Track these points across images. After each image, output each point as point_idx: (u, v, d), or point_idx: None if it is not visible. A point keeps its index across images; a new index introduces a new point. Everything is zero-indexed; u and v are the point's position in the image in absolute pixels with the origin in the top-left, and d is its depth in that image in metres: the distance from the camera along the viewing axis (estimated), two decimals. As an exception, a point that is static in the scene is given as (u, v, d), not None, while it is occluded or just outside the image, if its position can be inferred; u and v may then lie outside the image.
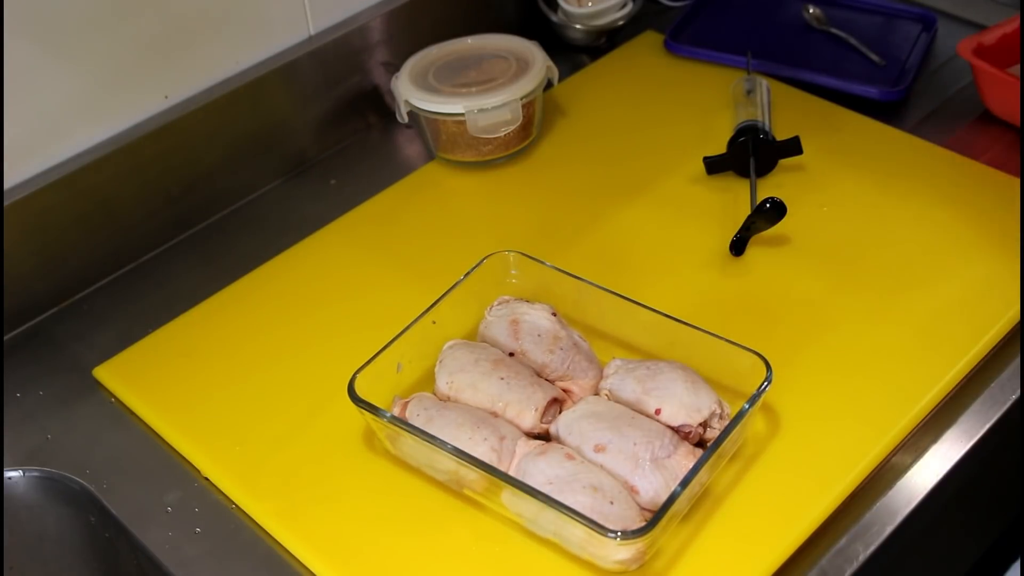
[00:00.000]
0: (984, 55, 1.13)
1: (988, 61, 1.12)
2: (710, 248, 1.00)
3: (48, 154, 0.99)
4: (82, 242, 1.02)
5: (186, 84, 1.06)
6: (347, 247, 1.05)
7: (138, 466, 0.87)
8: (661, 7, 1.36)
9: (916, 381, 0.86)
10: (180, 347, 0.96)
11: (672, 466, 0.76)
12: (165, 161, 1.05)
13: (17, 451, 0.89)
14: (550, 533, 0.76)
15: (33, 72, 0.94)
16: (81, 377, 0.95)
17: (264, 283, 1.02)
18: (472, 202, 1.09)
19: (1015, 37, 1.16)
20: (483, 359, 0.84)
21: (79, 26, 0.96)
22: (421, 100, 1.09)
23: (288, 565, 0.79)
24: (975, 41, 1.14)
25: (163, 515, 0.83)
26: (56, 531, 0.91)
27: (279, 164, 1.15)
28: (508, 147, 1.12)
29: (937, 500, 0.82)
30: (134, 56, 1.01)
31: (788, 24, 1.31)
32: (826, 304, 0.94)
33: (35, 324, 1.01)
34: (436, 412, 0.80)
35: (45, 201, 0.97)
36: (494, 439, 0.78)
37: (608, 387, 0.83)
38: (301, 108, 1.15)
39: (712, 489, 0.79)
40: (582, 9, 1.27)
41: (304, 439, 0.86)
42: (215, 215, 1.11)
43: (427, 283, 0.93)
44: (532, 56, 1.13)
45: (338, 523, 0.80)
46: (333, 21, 1.15)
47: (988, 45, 1.14)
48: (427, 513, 0.80)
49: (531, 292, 0.92)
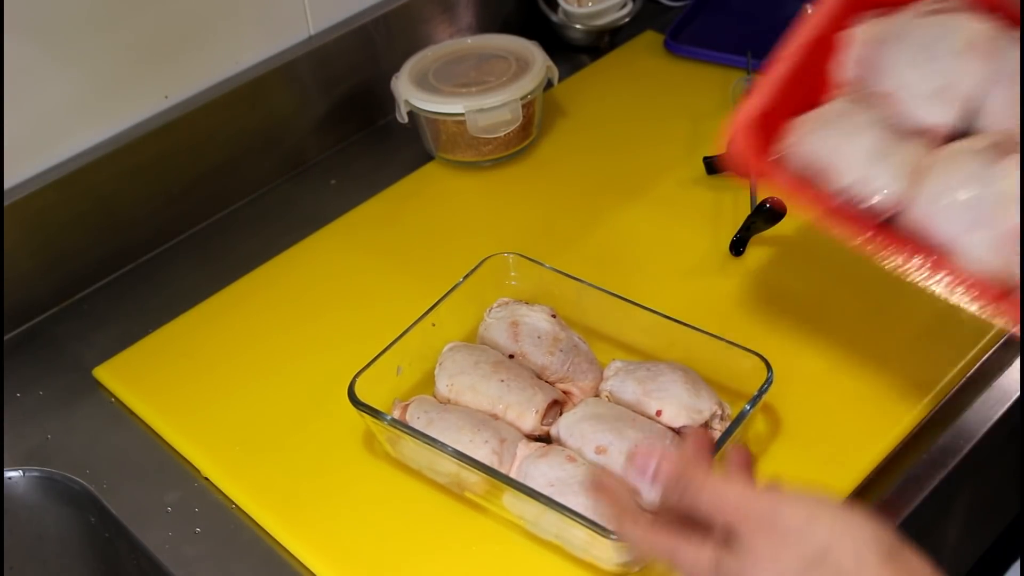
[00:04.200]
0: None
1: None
2: (710, 248, 1.00)
3: (48, 154, 0.99)
4: (82, 242, 1.02)
5: (186, 84, 1.06)
6: (347, 247, 1.05)
7: (138, 466, 0.87)
8: (661, 7, 1.36)
9: (916, 381, 0.86)
10: (180, 347, 0.96)
11: (673, 468, 0.76)
12: (165, 161, 1.05)
13: (17, 451, 0.89)
14: (552, 535, 0.76)
15: (33, 72, 0.94)
16: (81, 377, 0.95)
17: (264, 283, 1.02)
18: (472, 202, 1.09)
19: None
20: (483, 361, 0.84)
21: (79, 26, 0.96)
22: (421, 100, 1.09)
23: (288, 565, 0.79)
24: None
25: (163, 515, 0.83)
26: (56, 531, 0.91)
27: (279, 164, 1.15)
28: (508, 147, 1.12)
29: (937, 500, 0.82)
30: (134, 56, 1.01)
31: (788, 24, 1.31)
32: (826, 304, 0.94)
33: (35, 324, 1.01)
34: (436, 415, 0.80)
35: (45, 201, 0.97)
36: (495, 441, 0.78)
37: (608, 389, 0.83)
38: (301, 108, 1.15)
39: (712, 490, 0.79)
40: (582, 9, 1.27)
41: (304, 440, 0.86)
42: (215, 215, 1.11)
43: (427, 284, 0.93)
44: (532, 56, 1.13)
45: (338, 524, 0.80)
46: (333, 21, 1.15)
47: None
48: (428, 515, 0.80)
49: (531, 294, 0.92)
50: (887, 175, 0.74)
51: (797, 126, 0.78)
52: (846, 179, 0.75)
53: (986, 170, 0.70)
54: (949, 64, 0.75)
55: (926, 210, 0.72)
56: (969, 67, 0.74)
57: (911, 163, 0.74)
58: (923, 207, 0.73)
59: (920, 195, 0.73)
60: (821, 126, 0.77)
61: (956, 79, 0.74)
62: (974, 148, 0.72)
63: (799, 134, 0.78)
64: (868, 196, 0.74)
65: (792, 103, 0.79)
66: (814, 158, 0.76)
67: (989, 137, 0.73)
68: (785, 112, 0.79)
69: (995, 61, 0.74)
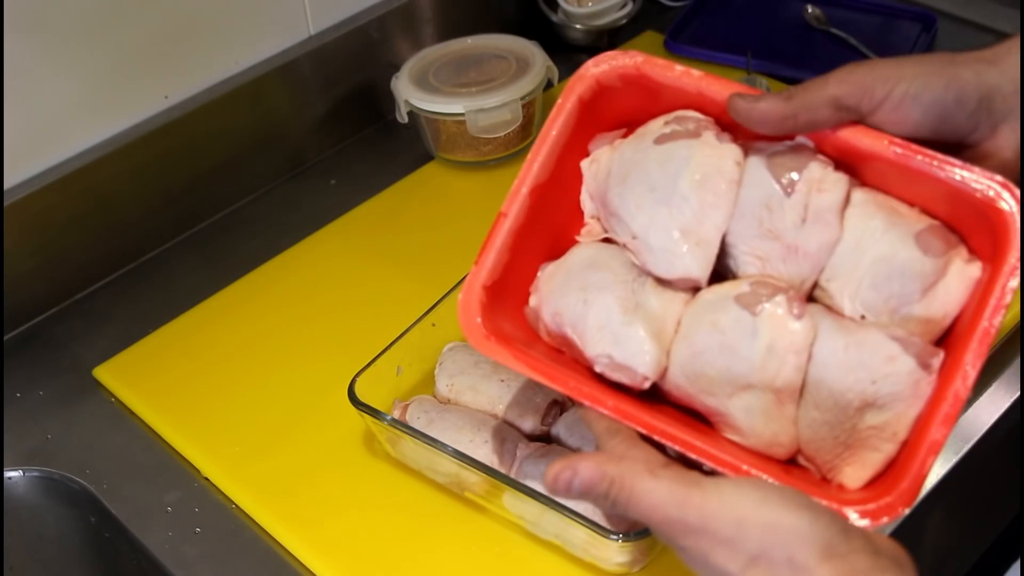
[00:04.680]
0: None
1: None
2: (710, 249, 1.00)
3: (48, 154, 0.99)
4: (82, 242, 1.02)
5: (186, 84, 1.06)
6: (347, 247, 1.05)
7: (138, 466, 0.87)
8: (661, 7, 1.36)
9: (916, 382, 0.86)
10: (180, 347, 0.96)
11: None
12: (165, 161, 1.05)
13: (17, 451, 0.89)
14: (552, 535, 0.76)
15: (33, 72, 0.94)
16: (81, 377, 0.95)
17: (264, 284, 1.02)
18: (472, 202, 1.09)
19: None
20: (483, 361, 0.84)
21: (79, 26, 0.96)
22: (421, 100, 1.09)
23: (288, 565, 0.79)
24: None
25: (163, 515, 0.83)
26: (56, 531, 0.91)
27: (279, 164, 1.15)
28: (508, 147, 1.12)
29: (937, 500, 0.82)
30: (134, 56, 1.01)
31: (788, 24, 1.31)
32: (826, 305, 0.93)
33: (35, 324, 1.01)
34: (436, 415, 0.80)
35: (45, 201, 0.97)
36: (495, 441, 0.78)
37: (608, 389, 0.83)
38: (301, 108, 1.15)
39: (712, 490, 0.79)
40: (582, 9, 1.27)
41: (304, 440, 0.86)
42: (215, 215, 1.11)
43: (427, 284, 0.93)
44: (532, 56, 1.13)
45: (338, 524, 0.80)
46: (333, 21, 1.15)
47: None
48: (428, 515, 0.80)
49: (531, 293, 0.92)
50: (638, 338, 0.62)
51: (542, 280, 0.68)
52: (596, 348, 0.64)
53: (746, 319, 0.60)
54: (690, 203, 0.62)
55: (683, 373, 0.62)
56: (712, 207, 0.62)
57: (661, 319, 0.63)
58: (679, 371, 0.62)
59: (676, 359, 0.62)
60: (564, 281, 0.67)
61: (696, 221, 0.62)
62: (729, 295, 0.61)
63: (543, 293, 0.68)
64: (622, 365, 0.63)
65: (533, 250, 0.69)
66: (561, 324, 0.66)
67: (745, 282, 0.62)
68: (528, 262, 0.69)
69: (735, 193, 0.62)
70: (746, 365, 0.60)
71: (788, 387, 0.59)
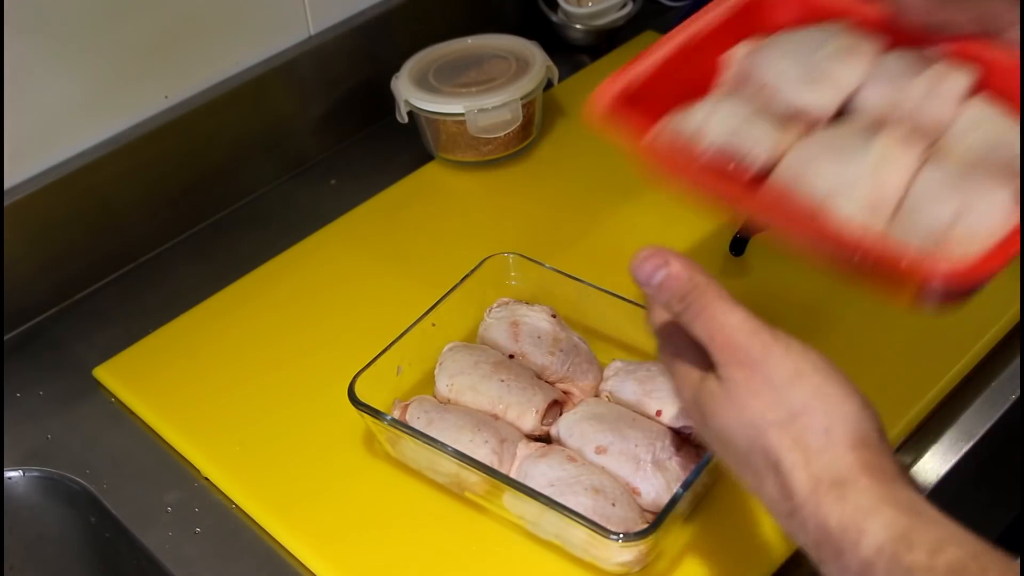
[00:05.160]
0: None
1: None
2: (710, 248, 1.00)
3: (48, 154, 0.99)
4: (82, 242, 1.02)
5: (186, 84, 1.06)
6: (347, 247, 1.05)
7: (138, 466, 0.87)
8: (661, 7, 1.36)
9: (916, 381, 0.86)
10: (180, 347, 0.96)
11: (674, 468, 0.76)
12: (165, 161, 1.05)
13: (17, 451, 0.89)
14: (552, 535, 0.76)
15: (33, 72, 0.94)
16: (81, 377, 0.95)
17: (264, 283, 1.02)
18: (472, 202, 1.09)
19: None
20: (483, 361, 0.84)
21: (79, 26, 0.96)
22: (421, 100, 1.09)
23: (288, 565, 0.79)
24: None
25: (163, 515, 0.83)
26: (56, 531, 0.91)
27: (279, 164, 1.15)
28: (508, 147, 1.12)
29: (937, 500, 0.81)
30: (134, 56, 1.01)
31: (788, 24, 1.31)
32: (826, 304, 0.94)
33: (35, 324, 1.01)
34: (436, 415, 0.80)
35: (45, 201, 0.97)
36: (495, 441, 0.78)
37: (608, 389, 0.83)
38: (301, 108, 1.15)
39: (714, 491, 0.79)
40: (582, 9, 1.27)
41: (304, 440, 0.86)
42: (215, 215, 1.11)
43: (427, 284, 0.93)
44: (532, 56, 1.13)
45: (338, 524, 0.80)
46: (333, 21, 1.15)
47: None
48: (428, 515, 0.80)
49: (531, 294, 0.92)
50: (758, 132, 0.70)
51: (666, 121, 0.73)
52: (716, 138, 0.70)
53: (862, 139, 0.68)
54: (826, 61, 0.72)
55: (798, 170, 0.68)
56: (846, 64, 0.72)
57: (782, 133, 0.71)
58: (794, 167, 0.69)
59: (792, 155, 0.69)
60: (692, 112, 0.73)
61: (833, 71, 0.72)
62: (851, 125, 0.70)
63: (668, 121, 0.73)
64: (739, 151, 0.69)
65: (661, 99, 0.74)
66: (684, 129, 0.72)
67: (866, 118, 0.70)
68: (654, 105, 0.73)
69: (872, 64, 0.72)
70: (860, 168, 0.66)
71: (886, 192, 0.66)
